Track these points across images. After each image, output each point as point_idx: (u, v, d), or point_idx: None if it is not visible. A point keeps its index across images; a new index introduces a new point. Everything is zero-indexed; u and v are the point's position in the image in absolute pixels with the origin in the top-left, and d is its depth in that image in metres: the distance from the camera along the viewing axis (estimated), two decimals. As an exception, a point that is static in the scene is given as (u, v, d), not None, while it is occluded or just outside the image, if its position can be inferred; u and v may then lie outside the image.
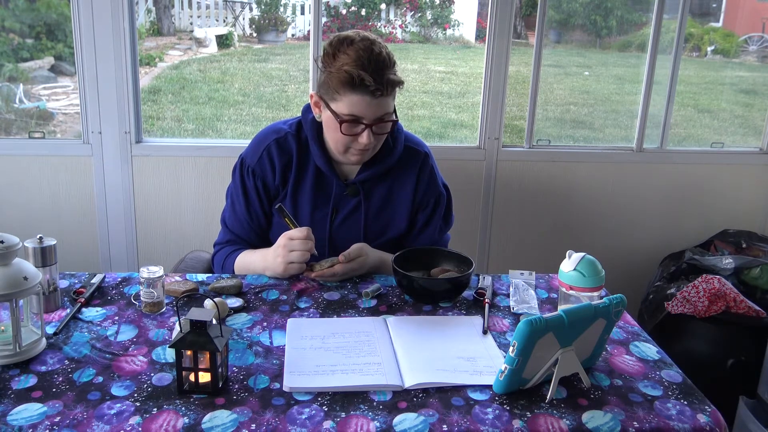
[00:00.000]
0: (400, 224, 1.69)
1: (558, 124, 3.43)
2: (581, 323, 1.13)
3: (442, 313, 1.43)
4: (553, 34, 4.01)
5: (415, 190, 1.68)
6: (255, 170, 1.63)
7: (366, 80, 1.43)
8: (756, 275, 2.32)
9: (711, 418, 1.10)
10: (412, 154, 1.68)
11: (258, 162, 1.63)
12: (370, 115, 1.48)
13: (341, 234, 1.65)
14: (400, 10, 6.86)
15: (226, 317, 1.36)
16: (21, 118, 3.22)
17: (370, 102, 1.46)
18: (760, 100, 3.56)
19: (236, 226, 1.68)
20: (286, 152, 1.63)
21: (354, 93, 1.46)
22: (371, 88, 1.44)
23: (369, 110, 1.48)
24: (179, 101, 5.08)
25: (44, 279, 1.32)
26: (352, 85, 1.45)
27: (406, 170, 1.68)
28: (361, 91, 1.45)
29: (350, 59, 1.45)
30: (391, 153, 1.64)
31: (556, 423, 1.06)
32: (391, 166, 1.65)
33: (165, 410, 1.05)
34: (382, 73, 1.45)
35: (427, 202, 1.70)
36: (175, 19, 6.18)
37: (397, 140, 1.65)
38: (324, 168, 1.61)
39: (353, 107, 1.47)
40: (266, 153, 1.63)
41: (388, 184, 1.67)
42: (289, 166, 1.63)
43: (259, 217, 1.66)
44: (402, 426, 1.04)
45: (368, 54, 1.45)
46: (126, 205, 2.40)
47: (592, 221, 2.64)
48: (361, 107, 1.47)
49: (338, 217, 1.65)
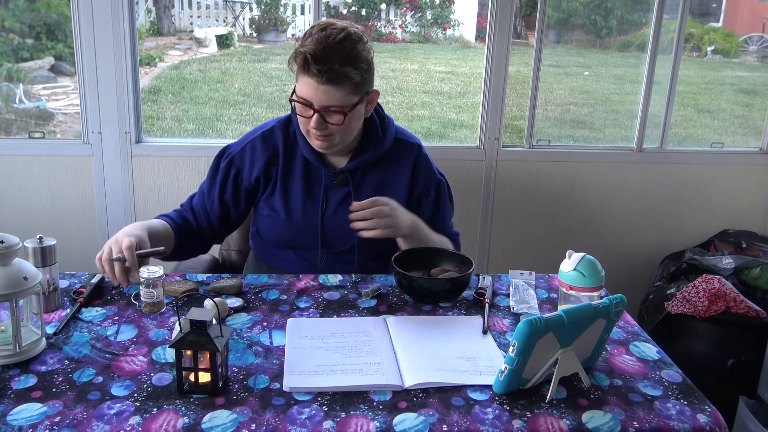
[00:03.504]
0: None
1: (558, 124, 3.43)
2: (581, 323, 1.13)
3: (442, 313, 1.43)
4: (553, 34, 4.01)
5: (411, 181, 1.69)
6: (234, 158, 1.66)
7: (312, 66, 1.45)
8: (756, 275, 2.32)
9: (711, 418, 1.10)
10: (403, 146, 1.70)
11: (239, 152, 1.66)
12: (316, 100, 1.49)
13: (332, 224, 1.66)
14: (400, 10, 6.86)
15: (226, 317, 1.36)
16: (21, 118, 3.22)
17: (316, 87, 1.48)
18: (760, 100, 3.56)
19: (195, 199, 1.70)
20: (271, 146, 1.65)
21: (304, 74, 1.48)
22: (312, 71, 1.45)
23: (315, 95, 1.49)
24: (179, 101, 5.08)
25: (44, 279, 1.32)
26: (302, 66, 1.47)
27: (400, 161, 1.69)
28: (308, 73, 1.47)
29: (311, 41, 1.47)
30: (380, 144, 1.65)
31: (556, 423, 1.06)
32: (380, 156, 1.66)
33: (165, 410, 1.05)
34: (329, 61, 1.45)
35: (428, 190, 1.71)
36: (175, 19, 6.19)
37: (387, 132, 1.67)
38: (312, 159, 1.63)
39: (302, 89, 1.50)
40: (249, 146, 1.66)
41: (380, 174, 1.68)
42: (275, 160, 1.65)
43: (214, 201, 1.67)
44: (402, 426, 1.04)
45: (326, 40, 1.46)
46: (126, 205, 2.40)
47: (592, 221, 2.64)
48: (309, 90, 1.49)
49: (329, 207, 1.66)
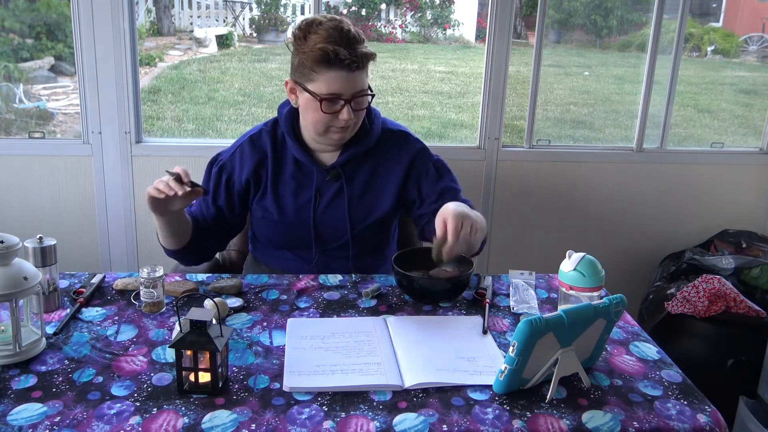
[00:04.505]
0: (385, 205, 1.69)
1: (558, 124, 3.43)
2: (581, 323, 1.13)
3: (442, 313, 1.43)
4: (553, 34, 4.01)
5: (408, 167, 1.68)
6: (225, 164, 1.68)
7: (341, 54, 1.46)
8: (756, 275, 2.32)
9: (711, 418, 1.10)
10: (391, 136, 1.70)
11: (230, 158, 1.68)
12: (348, 90, 1.50)
13: (326, 220, 1.66)
14: (400, 10, 6.86)
15: (226, 317, 1.36)
16: (21, 118, 3.22)
17: (347, 77, 1.49)
18: (760, 100, 3.55)
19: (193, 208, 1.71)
20: (259, 149, 1.66)
21: (330, 69, 1.48)
22: (346, 61, 1.47)
23: (347, 85, 1.50)
24: (179, 101, 5.08)
25: (44, 279, 1.32)
26: (328, 61, 1.47)
27: (389, 150, 1.69)
28: (337, 66, 1.47)
29: (322, 38, 1.47)
30: (368, 135, 1.65)
31: (556, 423, 1.06)
32: (369, 147, 1.66)
33: (165, 410, 1.05)
34: (354, 47, 1.48)
35: (427, 170, 1.70)
36: (175, 19, 6.18)
37: (374, 123, 1.68)
38: (302, 158, 1.64)
39: (331, 84, 1.49)
40: (239, 151, 1.68)
41: (370, 166, 1.68)
42: (263, 162, 1.66)
43: (209, 205, 1.69)
44: (402, 426, 1.04)
45: (338, 31, 1.48)
46: (126, 205, 2.40)
47: (592, 221, 2.64)
48: (339, 83, 1.49)
49: (321, 204, 1.66)
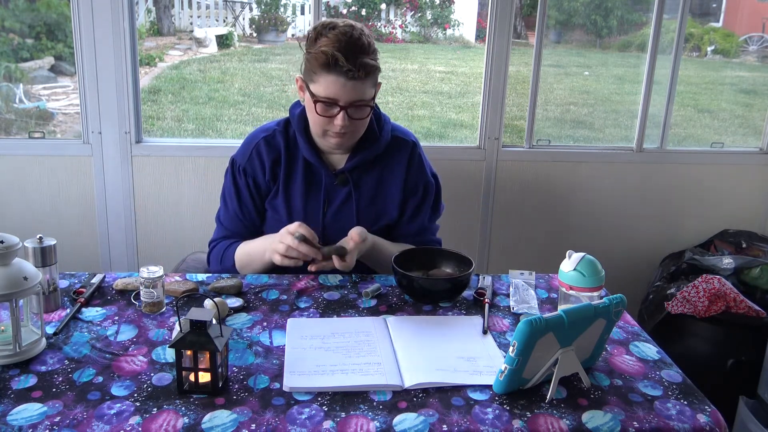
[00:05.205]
0: (392, 212, 1.70)
1: (558, 124, 3.43)
2: (581, 323, 1.13)
3: (442, 313, 1.43)
4: (553, 34, 4.01)
5: (405, 179, 1.70)
6: (246, 169, 1.67)
7: (340, 61, 1.46)
8: (756, 275, 2.32)
9: (711, 418, 1.10)
10: (399, 143, 1.70)
11: (248, 161, 1.67)
12: (344, 97, 1.50)
13: (335, 225, 1.66)
14: (400, 10, 6.85)
15: (226, 317, 1.36)
16: (21, 118, 3.22)
17: (344, 84, 1.49)
18: (760, 100, 3.55)
19: (230, 223, 1.71)
20: (274, 148, 1.66)
21: (329, 74, 1.48)
22: (345, 69, 1.46)
23: (343, 92, 1.50)
24: (179, 101, 5.08)
25: (44, 279, 1.32)
26: (327, 65, 1.47)
27: (395, 159, 1.69)
28: (335, 72, 1.48)
29: (329, 41, 1.48)
30: (377, 141, 1.66)
31: (556, 423, 1.06)
32: (377, 154, 1.66)
33: (165, 410, 1.05)
34: (357, 56, 1.47)
35: (416, 189, 1.72)
36: (175, 19, 6.18)
37: (383, 129, 1.68)
38: (312, 160, 1.64)
39: (328, 88, 1.50)
40: (255, 151, 1.66)
41: (377, 173, 1.68)
42: (278, 162, 1.66)
43: (251, 214, 1.69)
44: (402, 426, 1.04)
45: (347, 37, 1.48)
46: (126, 205, 2.40)
47: (592, 221, 2.64)
48: (336, 88, 1.49)
49: (330, 208, 1.66)
